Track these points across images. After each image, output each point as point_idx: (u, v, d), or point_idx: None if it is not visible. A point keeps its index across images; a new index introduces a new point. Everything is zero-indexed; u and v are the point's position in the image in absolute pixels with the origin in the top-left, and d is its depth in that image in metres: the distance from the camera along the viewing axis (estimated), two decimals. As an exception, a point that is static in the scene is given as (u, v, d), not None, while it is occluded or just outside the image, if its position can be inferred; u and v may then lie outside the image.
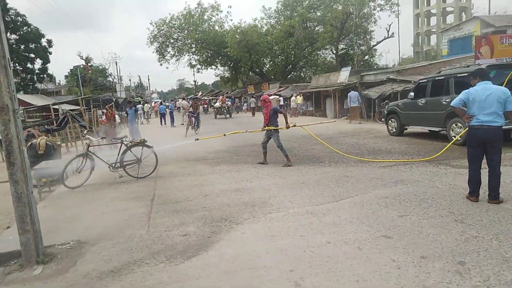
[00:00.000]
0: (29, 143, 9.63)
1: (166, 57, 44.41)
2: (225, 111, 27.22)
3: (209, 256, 3.81)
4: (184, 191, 6.62)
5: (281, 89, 32.27)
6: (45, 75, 40.06)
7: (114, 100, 31.70)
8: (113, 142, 8.20)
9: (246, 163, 8.97)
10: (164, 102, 46.89)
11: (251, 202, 5.64)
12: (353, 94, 18.35)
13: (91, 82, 54.99)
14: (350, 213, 4.82)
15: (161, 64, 46.22)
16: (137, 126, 16.68)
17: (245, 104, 37.25)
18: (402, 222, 4.39)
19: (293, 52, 39.48)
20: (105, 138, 8.39)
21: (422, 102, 10.85)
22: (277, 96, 30.43)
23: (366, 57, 39.58)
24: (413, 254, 3.52)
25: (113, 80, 63.57)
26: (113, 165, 7.98)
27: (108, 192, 6.97)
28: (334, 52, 38.74)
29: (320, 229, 4.32)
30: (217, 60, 45.43)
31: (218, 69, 49.00)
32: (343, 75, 22.62)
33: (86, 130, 9.30)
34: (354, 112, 18.65)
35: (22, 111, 22.78)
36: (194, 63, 45.84)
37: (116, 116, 17.95)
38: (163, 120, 25.53)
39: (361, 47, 38.68)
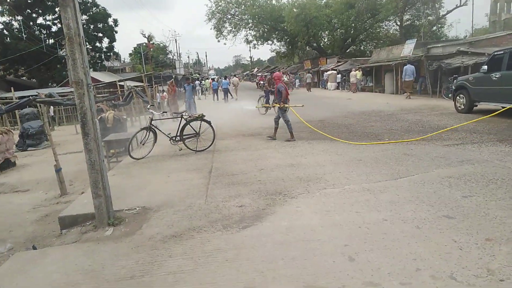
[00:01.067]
0: (99, 116, 10.41)
1: (223, 33, 44.74)
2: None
3: (264, 227, 3.92)
4: (239, 164, 6.80)
5: (339, 63, 31.19)
6: (111, 53, 42.54)
7: (173, 76, 32.89)
8: (174, 117, 8.56)
9: (300, 139, 8.93)
10: (220, 78, 47.67)
11: (305, 177, 5.64)
12: (409, 67, 17.89)
13: (152, 59, 57.34)
14: (409, 191, 4.65)
15: (218, 41, 46.67)
16: (194, 101, 17.21)
17: (297, 80, 36.60)
18: (467, 203, 4.14)
19: (353, 24, 37.71)
20: (166, 112, 8.78)
21: (497, 76, 9.90)
22: (335, 72, 29.53)
23: (434, 28, 36.69)
24: (477, 236, 3.33)
25: (173, 57, 65.71)
26: (174, 138, 8.38)
27: (169, 164, 7.37)
28: (398, 23, 36.41)
29: (377, 207, 4.23)
30: (273, 35, 44.89)
31: (274, 44, 48.45)
32: (407, 48, 21.25)
33: (149, 105, 9.80)
34: (407, 85, 18.35)
35: (93, 87, 24.53)
36: (250, 38, 45.74)
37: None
38: (215, 95, 26.94)
39: (428, 17, 35.84)
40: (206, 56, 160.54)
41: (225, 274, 3.03)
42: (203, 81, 38.28)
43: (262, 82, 37.31)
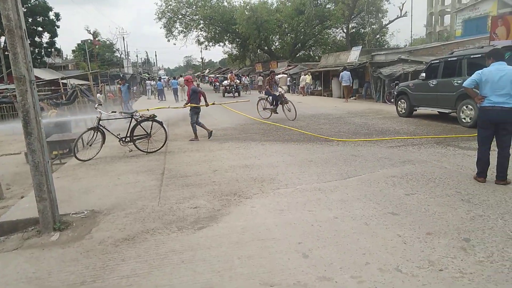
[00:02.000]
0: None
1: (173, 33, 43.98)
2: (233, 89, 27.03)
3: (219, 228, 3.92)
4: (193, 166, 6.73)
5: (289, 67, 31.93)
6: (52, 49, 40.03)
7: (121, 76, 31.69)
8: (123, 117, 8.28)
9: (254, 140, 9.03)
10: (170, 78, 46.63)
11: (259, 177, 5.73)
12: (345, 74, 19.28)
13: (98, 57, 54.84)
14: (357, 190, 4.89)
15: (168, 40, 45.84)
16: (130, 103, 17.35)
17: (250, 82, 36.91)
18: (409, 200, 4.45)
19: (302, 30, 38.84)
20: (115, 112, 8.44)
21: (433, 83, 10.73)
22: (285, 75, 30.17)
23: (377, 36, 38.84)
24: (419, 231, 3.60)
25: (120, 55, 63.28)
26: (123, 139, 8.09)
27: (119, 166, 7.10)
28: (345, 31, 38.06)
29: (328, 205, 4.40)
30: (225, 37, 44.92)
31: (226, 46, 48.57)
32: (353, 55, 22.30)
33: (97, 104, 9.37)
34: (346, 90, 19.89)
35: (32, 84, 22.90)
36: (202, 40, 45.38)
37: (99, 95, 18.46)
38: (160, 96, 27.61)
39: (372, 26, 37.89)
40: (156, 55, 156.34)
41: (181, 276, 3.00)
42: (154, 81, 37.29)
43: (217, 84, 37.10)
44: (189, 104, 9.41)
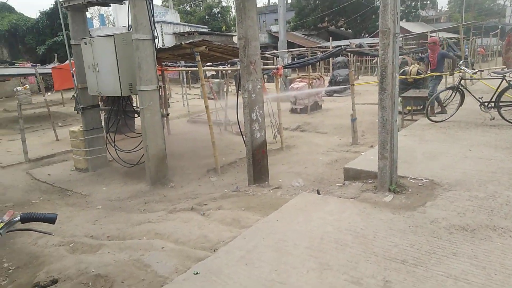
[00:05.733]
0: (402, 70, 9.89)
1: None
2: None
3: None
4: None
5: None
6: (428, 1, 39.63)
7: (500, 27, 27.19)
8: (492, 77, 6.91)
9: None
10: None
11: None
12: None
13: (476, 6, 49.42)
14: None
15: None
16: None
17: None
18: None
19: None
20: (482, 71, 7.20)
21: None
22: None
23: None
24: None
25: (504, 2, 54.17)
26: (486, 104, 6.84)
27: (474, 134, 6.10)
28: None
29: None
30: None
31: None
32: None
33: (461, 61, 8.36)
34: None
35: (401, 38, 23.92)
36: None
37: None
38: None
39: None
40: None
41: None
42: None
43: None
44: None
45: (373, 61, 20.77)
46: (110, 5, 7.06)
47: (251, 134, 5.08)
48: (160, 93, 6.57)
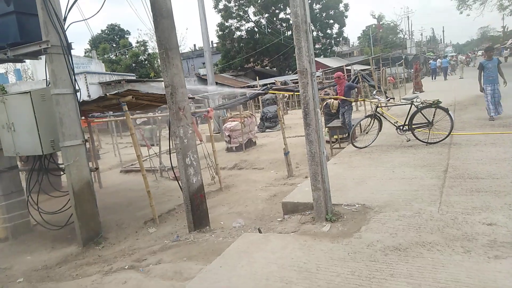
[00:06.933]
0: (325, 102, 10.59)
1: (467, 2, 38.06)
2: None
3: (529, 264, 2.80)
4: (488, 165, 5.36)
5: None
6: (340, 38, 43.51)
7: (403, 57, 30.60)
8: (403, 103, 7.67)
9: None
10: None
11: None
12: None
13: (381, 40, 55.32)
14: None
15: (460, 12, 40.10)
16: None
17: None
18: None
19: None
20: (393, 98, 7.98)
21: None
22: None
23: None
24: None
25: (404, 36, 61.45)
26: (401, 127, 7.52)
27: (395, 156, 6.63)
28: None
29: None
30: (541, -5, 34.86)
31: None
32: None
33: (375, 90, 9.19)
34: None
35: (321, 73, 25.69)
36: (506, 3, 37.05)
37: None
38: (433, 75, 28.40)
39: None
40: (443, 31, 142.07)
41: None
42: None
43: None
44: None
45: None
46: (25, 61, 6.69)
47: (187, 180, 4.99)
48: (88, 147, 6.24)
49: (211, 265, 3.51)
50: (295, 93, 10.20)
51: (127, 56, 41.39)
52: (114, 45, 43.49)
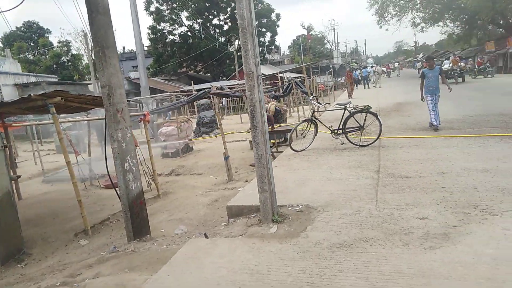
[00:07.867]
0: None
1: (385, 18, 41.60)
2: (456, 74, 23.18)
3: (458, 252, 3.07)
4: (414, 165, 5.85)
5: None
6: (273, 47, 44.77)
7: (331, 66, 32.40)
8: (337, 108, 8.08)
9: (492, 136, 7.23)
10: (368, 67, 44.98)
11: (509, 188, 4.37)
12: None
13: (310, 50, 58.05)
14: None
15: (380, 27, 43.67)
16: None
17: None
18: None
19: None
20: (328, 104, 8.39)
21: None
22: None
23: None
24: None
25: (330, 47, 65.18)
26: (335, 131, 7.91)
27: (331, 159, 6.94)
28: None
29: None
30: (446, 15, 39.35)
31: (446, 26, 42.61)
32: None
33: (311, 96, 9.55)
34: None
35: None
36: (418, 21, 41.24)
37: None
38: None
39: None
40: (365, 44, 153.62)
41: (413, 310, 2.41)
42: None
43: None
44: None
45: (244, 101, 22.04)
46: None
47: (125, 186, 4.70)
48: (6, 153, 5.59)
49: (157, 274, 3.32)
50: (233, 97, 10.19)
51: (47, 56, 38.25)
52: (32, 44, 39.95)
